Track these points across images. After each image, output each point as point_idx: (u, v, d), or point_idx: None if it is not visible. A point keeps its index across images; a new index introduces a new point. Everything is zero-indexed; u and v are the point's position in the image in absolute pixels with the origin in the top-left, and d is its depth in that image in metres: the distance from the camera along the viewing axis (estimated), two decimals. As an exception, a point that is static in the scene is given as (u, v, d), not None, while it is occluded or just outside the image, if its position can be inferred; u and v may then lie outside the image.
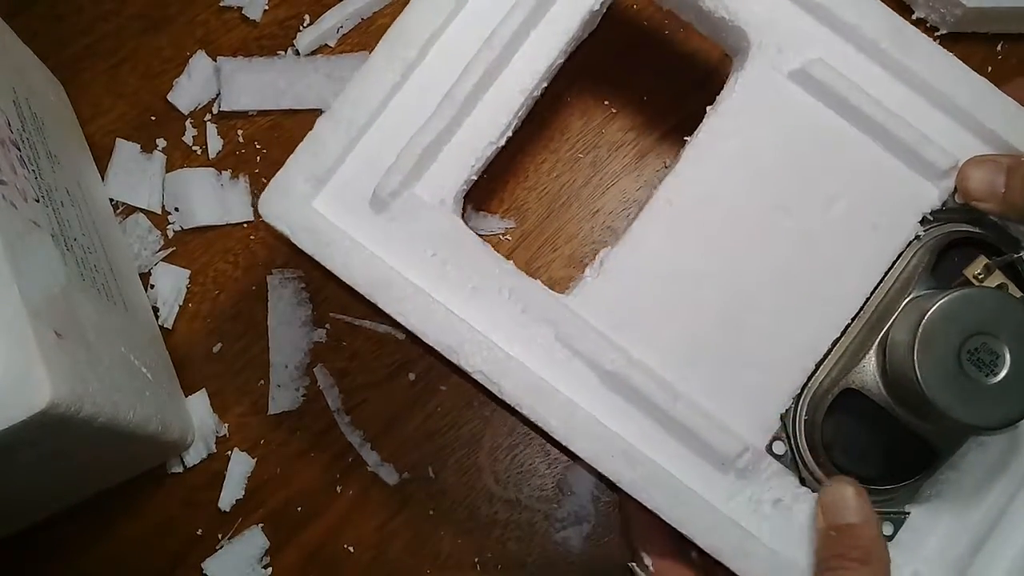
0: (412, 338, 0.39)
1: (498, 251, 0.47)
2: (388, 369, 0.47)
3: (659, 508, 0.36)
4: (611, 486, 0.38)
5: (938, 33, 0.51)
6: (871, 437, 0.38)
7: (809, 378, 0.38)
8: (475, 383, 0.38)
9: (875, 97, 0.39)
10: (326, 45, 0.51)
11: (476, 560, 0.45)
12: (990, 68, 0.51)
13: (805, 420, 0.38)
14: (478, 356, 0.37)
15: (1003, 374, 0.34)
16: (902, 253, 0.39)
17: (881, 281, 0.39)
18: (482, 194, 0.48)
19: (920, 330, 0.35)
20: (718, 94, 0.40)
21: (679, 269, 0.39)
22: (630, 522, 0.42)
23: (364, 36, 0.52)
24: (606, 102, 0.49)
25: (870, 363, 0.37)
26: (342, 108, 0.39)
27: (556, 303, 0.38)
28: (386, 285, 0.37)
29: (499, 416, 0.47)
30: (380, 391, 0.47)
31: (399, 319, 0.37)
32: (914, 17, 0.51)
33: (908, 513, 0.38)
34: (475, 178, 0.40)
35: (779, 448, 0.38)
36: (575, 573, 0.45)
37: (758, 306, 0.39)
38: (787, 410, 0.38)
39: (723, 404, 0.38)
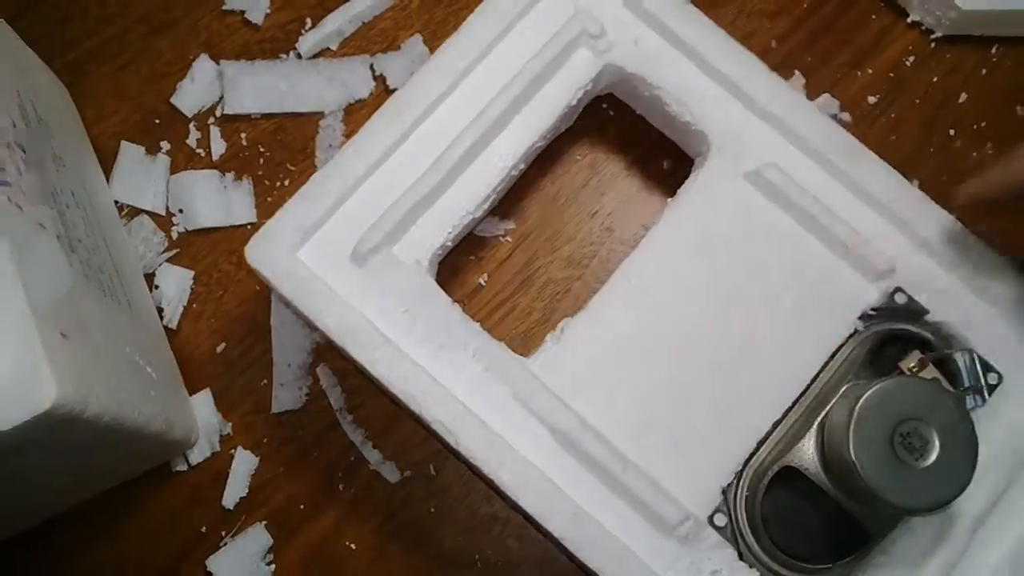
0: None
1: (498, 252, 0.48)
2: (389, 369, 0.47)
3: (600, 569, 0.38)
4: (557, 545, 0.39)
5: (933, 36, 0.52)
6: (807, 516, 0.39)
7: (751, 456, 0.40)
8: (433, 433, 0.39)
9: (822, 201, 0.42)
10: (328, 48, 0.52)
11: (477, 557, 0.45)
12: (984, 71, 0.51)
13: (746, 496, 0.39)
14: (438, 407, 0.39)
15: (932, 458, 0.36)
16: (842, 345, 0.41)
17: (822, 370, 0.41)
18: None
19: (856, 412, 0.36)
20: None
21: (634, 344, 0.41)
22: None
23: (365, 40, 0.52)
24: (604, 105, 0.50)
25: (809, 444, 0.39)
26: (334, 168, 0.41)
27: (518, 364, 0.40)
28: (356, 333, 0.39)
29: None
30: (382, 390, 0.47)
31: (366, 366, 0.39)
32: (909, 20, 0.52)
33: None
34: (451, 244, 0.43)
35: (720, 520, 0.39)
36: (575, 572, 0.45)
37: (706, 385, 0.41)
38: (729, 484, 0.39)
39: (669, 474, 0.39)
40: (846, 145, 0.43)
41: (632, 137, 0.50)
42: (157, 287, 0.48)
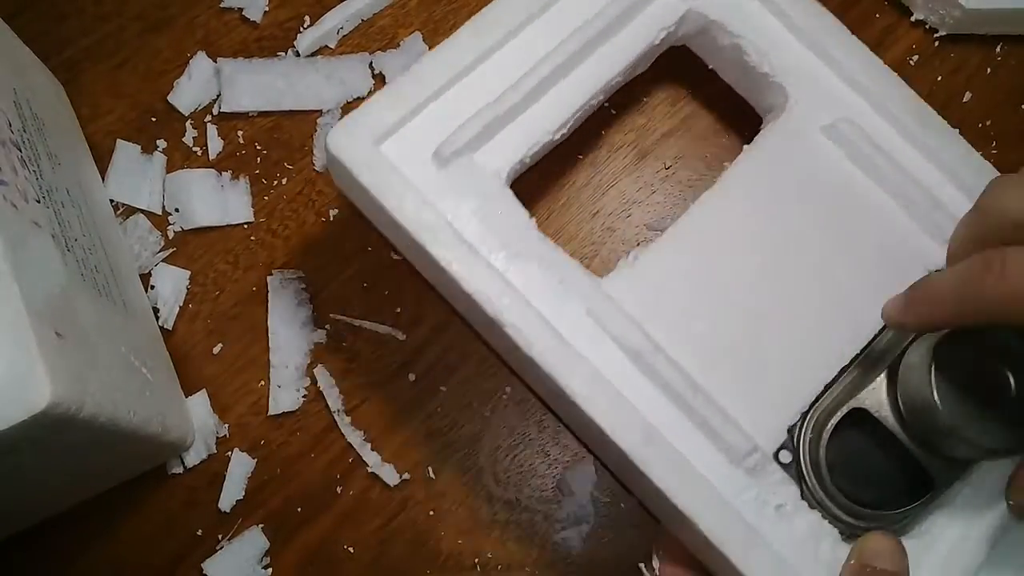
0: (444, 301, 0.41)
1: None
2: (388, 370, 0.47)
3: (669, 488, 0.37)
4: (622, 484, 0.38)
5: (937, 35, 0.51)
6: (871, 461, 0.39)
7: (817, 399, 0.40)
8: (494, 352, 0.38)
9: (895, 159, 0.43)
10: (326, 46, 0.51)
11: (476, 561, 0.45)
12: (989, 70, 0.51)
13: (810, 438, 0.39)
14: (514, 311, 0.38)
15: (1011, 399, 0.36)
16: None
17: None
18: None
19: (936, 353, 0.36)
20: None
21: (707, 277, 0.42)
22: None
23: (364, 37, 0.52)
24: (606, 103, 0.49)
25: (879, 387, 0.39)
26: (421, 71, 0.42)
27: (592, 282, 0.40)
28: (435, 230, 0.39)
29: (499, 417, 0.47)
30: (380, 392, 0.47)
31: (443, 264, 0.39)
32: (913, 19, 0.52)
33: None
34: (529, 162, 0.43)
35: (785, 457, 0.39)
36: (575, 573, 0.45)
37: (776, 325, 0.41)
38: (794, 424, 0.40)
39: (738, 406, 0.39)
40: (919, 109, 0.44)
41: (633, 137, 0.50)
42: (153, 287, 0.47)
